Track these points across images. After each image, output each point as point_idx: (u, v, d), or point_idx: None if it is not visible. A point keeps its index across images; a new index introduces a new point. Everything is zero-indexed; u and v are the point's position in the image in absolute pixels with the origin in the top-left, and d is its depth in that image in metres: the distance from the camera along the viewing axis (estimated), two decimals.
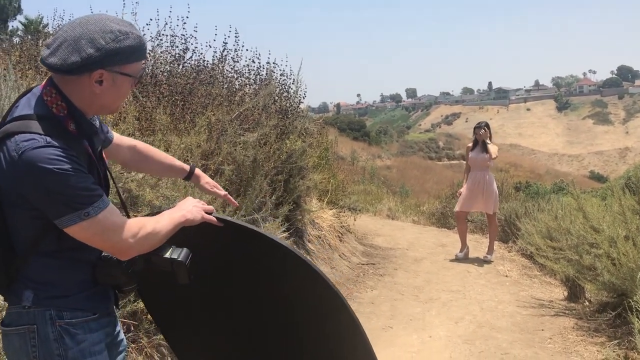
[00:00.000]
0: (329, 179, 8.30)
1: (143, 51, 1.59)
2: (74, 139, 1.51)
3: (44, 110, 1.50)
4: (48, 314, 1.52)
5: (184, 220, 1.66)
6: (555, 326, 5.03)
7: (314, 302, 1.90)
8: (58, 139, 1.45)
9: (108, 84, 1.53)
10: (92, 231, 1.47)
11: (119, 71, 1.54)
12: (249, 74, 6.58)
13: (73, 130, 1.52)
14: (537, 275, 7.02)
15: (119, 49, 1.50)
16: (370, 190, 17.21)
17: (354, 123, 60.43)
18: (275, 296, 1.96)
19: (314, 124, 8.22)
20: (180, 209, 1.69)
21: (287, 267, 1.86)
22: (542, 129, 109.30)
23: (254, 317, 2.02)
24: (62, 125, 1.50)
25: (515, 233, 8.51)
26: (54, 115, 1.50)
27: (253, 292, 1.98)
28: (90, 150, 1.57)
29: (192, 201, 1.75)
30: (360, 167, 30.52)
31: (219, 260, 1.94)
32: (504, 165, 53.39)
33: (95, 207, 1.46)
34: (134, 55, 1.55)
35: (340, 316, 1.86)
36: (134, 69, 1.58)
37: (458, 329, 4.96)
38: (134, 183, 3.62)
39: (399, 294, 6.08)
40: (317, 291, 1.85)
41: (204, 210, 1.74)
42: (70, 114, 1.53)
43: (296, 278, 1.88)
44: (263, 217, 5.33)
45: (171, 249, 1.66)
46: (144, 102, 5.09)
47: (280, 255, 1.83)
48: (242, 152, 5.24)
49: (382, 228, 10.33)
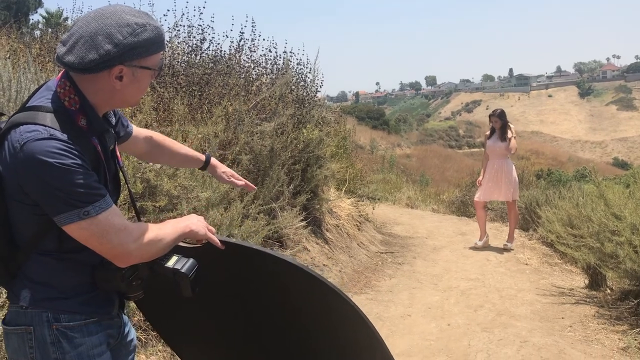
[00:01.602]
0: (347, 168, 8.29)
1: (161, 42, 1.53)
2: (82, 135, 1.45)
3: (55, 102, 1.45)
4: (45, 316, 1.47)
5: (189, 230, 1.59)
6: (575, 314, 4.99)
7: (327, 316, 1.84)
8: (64, 132, 1.39)
9: (128, 79, 1.48)
10: (91, 232, 1.40)
11: (139, 65, 1.48)
12: (265, 63, 6.58)
13: (83, 126, 1.47)
14: (557, 263, 6.95)
15: (137, 43, 1.45)
16: (390, 179, 17.16)
17: (373, 112, 60.24)
18: (288, 314, 1.90)
19: (332, 113, 8.22)
20: (184, 219, 1.62)
21: (297, 284, 1.78)
22: (564, 116, 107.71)
23: (265, 334, 1.96)
24: (72, 119, 1.45)
25: (535, 221, 8.43)
26: (65, 109, 1.45)
27: (263, 310, 1.91)
28: (98, 147, 1.51)
29: (197, 217, 1.67)
30: (379, 156, 30.40)
31: (224, 279, 1.87)
32: (525, 153, 52.86)
33: (95, 207, 1.39)
34: (152, 47, 1.50)
35: (359, 333, 1.79)
36: (153, 62, 1.52)
37: (477, 317, 4.94)
38: (152, 173, 3.65)
39: (418, 283, 6.07)
40: (331, 305, 1.77)
41: (207, 229, 1.67)
42: (82, 109, 1.47)
43: (306, 293, 1.80)
44: (281, 206, 5.36)
45: (176, 258, 1.59)
46: (161, 92, 5.13)
47: (288, 272, 1.75)
48: (259, 142, 5.26)
49: (401, 217, 10.31)
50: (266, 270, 1.79)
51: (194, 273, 1.58)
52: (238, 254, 1.78)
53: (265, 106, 5.87)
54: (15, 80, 3.55)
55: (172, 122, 4.63)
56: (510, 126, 7.35)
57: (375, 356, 1.83)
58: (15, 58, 4.49)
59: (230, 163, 4.82)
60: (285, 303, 1.88)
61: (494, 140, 7.44)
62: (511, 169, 7.36)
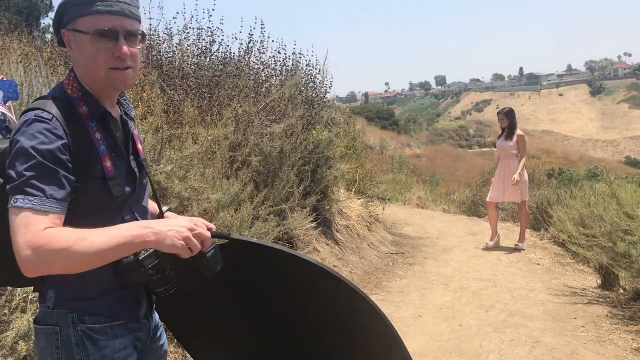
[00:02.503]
0: (357, 169, 8.29)
1: (91, 1, 1.44)
2: (79, 121, 1.46)
3: (58, 91, 1.49)
4: (70, 317, 1.46)
5: (140, 241, 1.36)
6: (588, 314, 4.95)
7: (346, 315, 1.81)
8: (60, 116, 1.40)
9: (74, 46, 1.47)
10: (11, 224, 1.31)
11: (72, 28, 1.46)
12: (274, 65, 6.60)
13: (84, 112, 1.48)
14: (569, 263, 6.91)
15: (66, 3, 1.46)
16: (400, 179, 17.12)
17: (383, 112, 60.19)
18: (305, 313, 1.89)
19: (341, 113, 8.22)
20: (150, 225, 1.40)
21: (316, 283, 1.76)
22: (575, 115, 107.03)
23: (282, 334, 1.96)
24: (73, 105, 1.47)
25: (547, 220, 8.38)
26: (68, 97, 1.48)
27: (281, 309, 1.91)
28: (95, 135, 1.48)
29: (181, 222, 1.46)
30: (389, 156, 30.37)
31: (243, 279, 1.87)
32: (536, 152, 52.54)
33: (26, 200, 1.30)
34: (81, 7, 1.44)
35: (378, 333, 1.76)
36: (85, 24, 1.44)
37: (488, 317, 4.92)
38: (162, 175, 3.66)
39: (429, 283, 6.05)
40: (353, 305, 1.75)
41: (200, 236, 1.48)
42: (83, 96, 1.49)
43: (327, 292, 1.77)
44: (291, 207, 5.37)
45: None
46: (171, 95, 5.15)
47: (308, 271, 1.73)
48: (268, 143, 5.27)
49: (411, 217, 10.29)
50: (287, 270, 1.78)
51: (212, 251, 1.54)
52: (258, 254, 1.77)
53: (274, 107, 5.88)
54: (27, 83, 3.58)
55: (182, 125, 4.65)
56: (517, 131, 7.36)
57: (393, 356, 1.81)
58: (26, 62, 4.53)
59: (241, 165, 4.84)
60: (303, 302, 1.88)
61: (502, 139, 7.42)
62: (516, 169, 7.30)
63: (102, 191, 1.48)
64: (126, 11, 1.48)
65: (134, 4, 1.51)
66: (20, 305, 2.55)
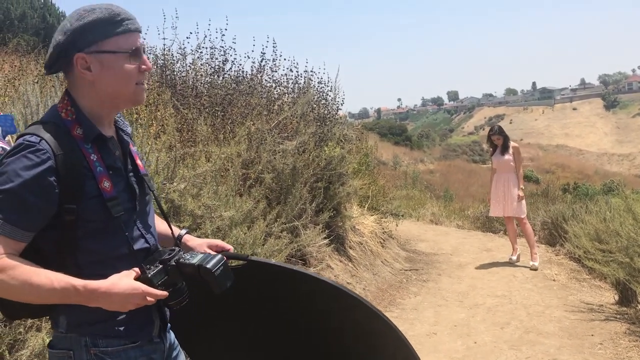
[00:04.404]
0: (370, 185, 8.28)
1: (119, 21, 1.46)
2: (73, 143, 1.45)
3: (52, 115, 1.49)
4: (83, 341, 1.47)
5: (90, 292, 1.37)
6: (605, 331, 4.88)
7: (363, 334, 1.80)
8: (42, 137, 1.40)
9: (97, 68, 1.45)
10: None
11: (99, 50, 1.44)
12: (287, 83, 6.65)
13: (78, 135, 1.47)
14: (586, 279, 6.82)
15: (85, 26, 1.43)
16: (413, 195, 17.07)
17: (395, 128, 60.24)
18: (322, 333, 1.87)
19: (353, 130, 8.24)
20: (108, 283, 1.40)
21: (333, 302, 1.76)
22: (589, 129, 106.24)
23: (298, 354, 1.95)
24: (67, 129, 1.46)
25: (562, 236, 8.29)
26: (61, 120, 1.47)
27: (296, 329, 1.90)
28: (91, 157, 1.47)
29: (140, 292, 1.42)
30: (402, 171, 30.33)
31: (257, 300, 1.86)
32: (551, 167, 52.16)
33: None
34: (108, 28, 1.45)
35: (397, 352, 1.74)
36: (118, 44, 1.46)
37: (504, 334, 4.86)
38: (175, 194, 3.69)
39: (443, 300, 6.01)
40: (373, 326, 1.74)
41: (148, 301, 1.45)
42: (77, 119, 1.48)
43: (343, 311, 1.76)
44: (303, 224, 5.37)
45: (202, 256, 1.53)
46: (185, 113, 5.20)
47: (324, 291, 1.72)
48: (281, 160, 5.29)
49: (425, 233, 10.24)
50: (302, 290, 1.78)
51: (221, 268, 1.53)
52: (274, 275, 1.77)
53: (287, 125, 5.91)
54: (43, 104, 3.63)
55: (196, 143, 4.69)
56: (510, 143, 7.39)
57: None
58: (43, 82, 4.60)
59: (253, 182, 4.86)
60: (320, 323, 1.86)
61: (497, 155, 7.40)
62: (516, 183, 7.26)
63: (101, 211, 1.46)
64: (140, 28, 1.53)
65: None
66: (36, 324, 2.57)
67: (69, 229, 1.42)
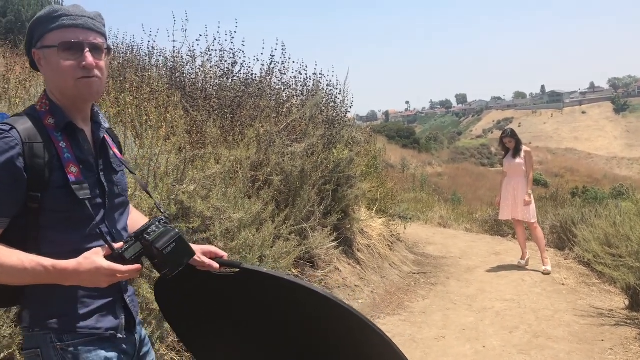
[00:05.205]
0: (378, 188, 8.27)
1: (55, 17, 1.53)
2: (43, 132, 1.50)
3: (29, 109, 1.57)
4: (49, 337, 1.48)
5: (60, 272, 1.40)
6: (616, 336, 4.84)
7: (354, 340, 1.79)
8: (24, 129, 1.47)
9: (43, 62, 1.56)
10: None
11: (42, 45, 1.54)
12: (296, 85, 6.65)
13: (50, 124, 1.53)
14: (595, 283, 6.78)
15: (35, 24, 1.55)
16: (421, 198, 17.01)
17: (403, 130, 60.20)
18: (316, 344, 1.87)
19: (362, 132, 8.23)
20: (77, 262, 1.42)
21: (326, 314, 1.74)
22: (599, 132, 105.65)
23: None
24: (39, 118, 1.53)
25: (571, 240, 8.24)
26: (35, 111, 1.55)
27: (294, 340, 1.90)
28: (60, 144, 1.52)
29: (103, 270, 1.43)
30: (410, 174, 30.25)
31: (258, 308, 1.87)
32: (560, 170, 51.92)
33: None
34: (47, 24, 1.53)
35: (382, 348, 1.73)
36: (52, 39, 1.52)
37: (513, 338, 4.84)
38: (185, 195, 3.70)
39: (452, 304, 5.98)
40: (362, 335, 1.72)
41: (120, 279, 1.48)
42: (50, 110, 1.55)
43: (338, 323, 1.75)
44: (312, 226, 5.37)
45: (160, 230, 1.50)
46: (194, 115, 5.22)
47: (319, 303, 1.71)
48: (290, 163, 5.30)
49: (433, 236, 10.20)
50: (294, 299, 1.77)
51: (172, 245, 1.49)
52: (271, 285, 1.77)
53: (295, 127, 5.92)
54: None
55: (205, 145, 4.70)
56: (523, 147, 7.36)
57: None
58: None
59: (262, 184, 4.86)
60: (311, 331, 1.86)
61: (509, 159, 7.37)
62: (526, 187, 7.22)
63: (67, 198, 1.48)
64: (90, 25, 1.55)
65: (98, 20, 1.59)
66: None
67: (33, 217, 1.46)
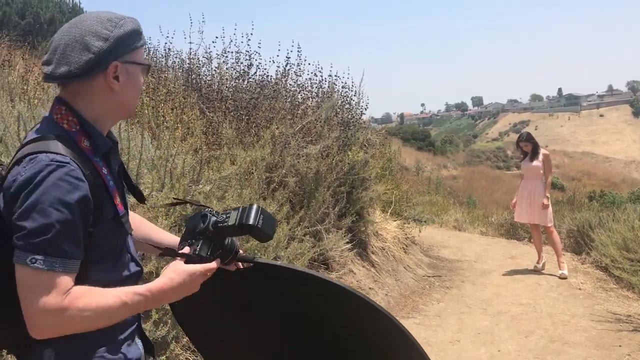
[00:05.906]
0: (393, 190, 8.25)
1: (141, 34, 1.44)
2: (85, 158, 1.33)
3: (53, 128, 1.34)
4: None
5: (158, 294, 1.34)
6: (634, 342, 4.78)
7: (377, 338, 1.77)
8: (69, 157, 1.27)
9: (124, 78, 1.39)
10: (23, 284, 1.21)
11: (130, 60, 1.40)
12: (311, 87, 6.67)
13: (86, 147, 1.35)
14: (613, 288, 6.70)
15: (124, 34, 1.37)
16: (436, 201, 16.95)
17: (418, 133, 60.04)
18: (339, 340, 1.85)
19: (377, 135, 8.22)
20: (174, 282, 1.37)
21: (350, 310, 1.73)
22: (617, 136, 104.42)
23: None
24: (74, 141, 1.33)
25: (588, 244, 8.16)
26: (64, 131, 1.34)
27: (306, 329, 1.88)
28: (103, 170, 1.38)
29: (199, 273, 1.42)
30: (425, 177, 30.16)
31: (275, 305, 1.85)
32: (577, 174, 51.45)
33: (47, 262, 1.20)
34: (137, 39, 1.42)
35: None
36: (140, 56, 1.44)
37: (528, 343, 4.80)
38: (201, 195, 3.72)
39: (467, 307, 5.95)
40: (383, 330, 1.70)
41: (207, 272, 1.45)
42: (82, 129, 1.36)
43: (360, 318, 1.73)
44: (326, 228, 5.37)
45: (236, 212, 1.51)
46: (210, 117, 5.25)
47: (343, 298, 1.70)
48: (305, 164, 5.31)
49: (448, 239, 10.15)
50: (312, 293, 1.77)
51: (261, 218, 1.50)
52: (293, 280, 1.77)
53: (310, 129, 5.93)
54: None
55: (221, 146, 4.73)
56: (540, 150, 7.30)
57: None
58: None
59: (277, 185, 4.88)
60: (337, 329, 1.84)
61: (526, 161, 7.33)
62: (543, 192, 7.15)
63: (114, 232, 1.38)
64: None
65: None
66: None
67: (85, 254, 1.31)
